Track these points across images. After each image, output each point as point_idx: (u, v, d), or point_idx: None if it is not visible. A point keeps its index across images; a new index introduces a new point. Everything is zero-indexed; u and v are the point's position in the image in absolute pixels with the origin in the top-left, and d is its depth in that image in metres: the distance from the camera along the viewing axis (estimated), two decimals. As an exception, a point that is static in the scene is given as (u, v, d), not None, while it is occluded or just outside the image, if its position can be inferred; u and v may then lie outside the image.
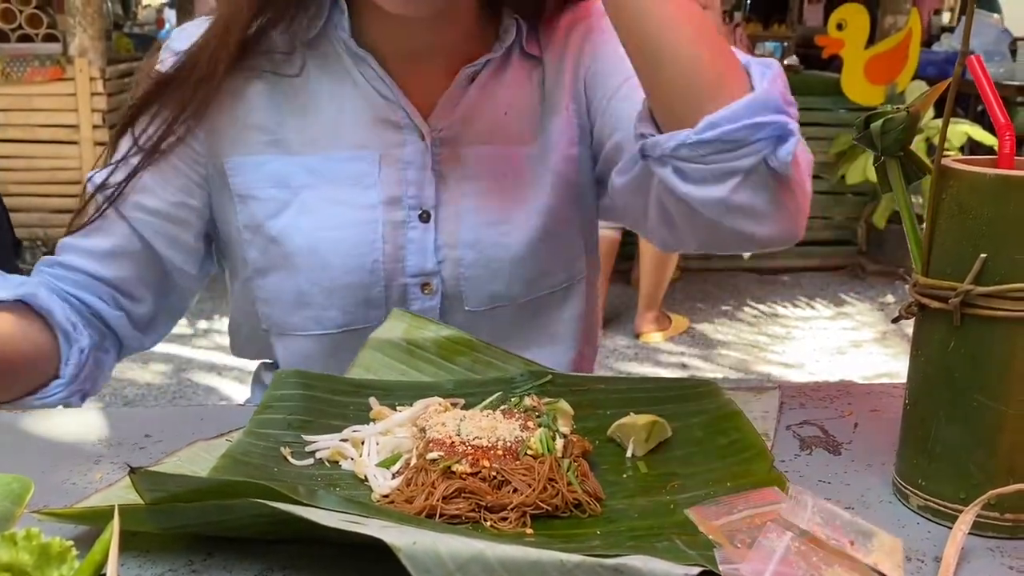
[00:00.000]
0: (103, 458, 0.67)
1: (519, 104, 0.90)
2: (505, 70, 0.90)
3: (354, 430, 0.69)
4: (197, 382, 3.15)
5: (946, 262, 0.59)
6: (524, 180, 0.89)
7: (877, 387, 0.86)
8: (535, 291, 0.91)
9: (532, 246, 0.89)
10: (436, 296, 0.89)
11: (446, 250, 0.88)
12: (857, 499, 0.65)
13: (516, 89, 0.90)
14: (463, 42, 0.88)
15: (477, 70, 0.88)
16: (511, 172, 0.89)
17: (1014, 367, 0.57)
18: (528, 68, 0.91)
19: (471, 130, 0.88)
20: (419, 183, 0.87)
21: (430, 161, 0.87)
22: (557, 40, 0.92)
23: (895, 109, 0.62)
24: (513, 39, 0.89)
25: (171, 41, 0.90)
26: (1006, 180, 0.56)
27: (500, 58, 0.89)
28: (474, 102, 0.89)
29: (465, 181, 0.88)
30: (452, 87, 0.87)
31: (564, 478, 0.60)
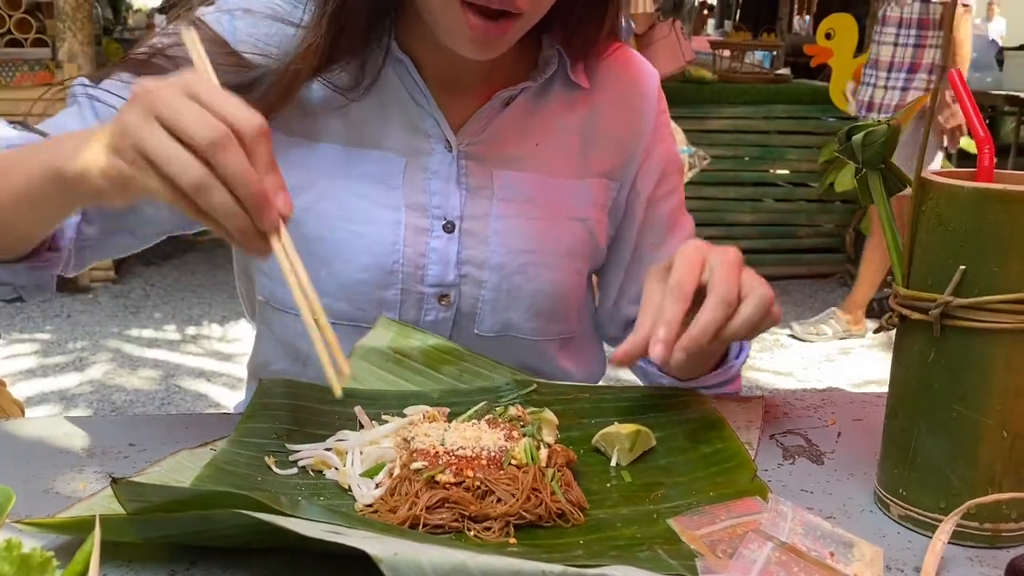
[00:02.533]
0: (86, 467, 0.67)
1: (554, 139, 0.90)
2: (543, 101, 0.90)
3: (339, 439, 0.69)
4: (186, 388, 3.14)
5: (926, 273, 0.60)
6: (555, 216, 0.89)
7: (860, 396, 0.87)
8: (543, 333, 0.90)
9: (554, 283, 0.89)
10: (452, 309, 0.88)
11: (470, 267, 0.87)
12: (839, 508, 0.65)
13: (553, 123, 0.90)
14: (502, 65, 0.88)
15: (513, 95, 0.88)
16: (542, 204, 0.89)
17: (993, 378, 0.58)
18: (571, 100, 0.91)
19: (500, 153, 0.88)
20: (444, 193, 0.87)
21: (455, 173, 0.87)
22: (615, 90, 0.93)
23: (876, 122, 0.62)
24: (555, 70, 0.89)
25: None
26: (984, 193, 0.57)
27: (539, 88, 0.90)
28: (506, 126, 0.89)
29: (494, 201, 0.88)
30: (485, 107, 0.87)
31: (548, 488, 0.61)
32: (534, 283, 0.88)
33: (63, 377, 3.19)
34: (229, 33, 0.85)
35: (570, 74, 0.90)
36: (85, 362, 3.33)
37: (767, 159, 4.45)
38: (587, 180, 0.91)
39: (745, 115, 4.35)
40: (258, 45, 0.84)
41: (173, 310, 3.95)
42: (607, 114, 0.92)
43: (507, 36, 0.79)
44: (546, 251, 0.88)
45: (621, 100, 0.93)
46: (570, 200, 0.90)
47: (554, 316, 0.90)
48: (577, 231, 0.90)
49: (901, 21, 3.50)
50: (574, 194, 0.91)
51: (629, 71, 0.95)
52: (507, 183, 0.88)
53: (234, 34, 0.85)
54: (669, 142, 0.97)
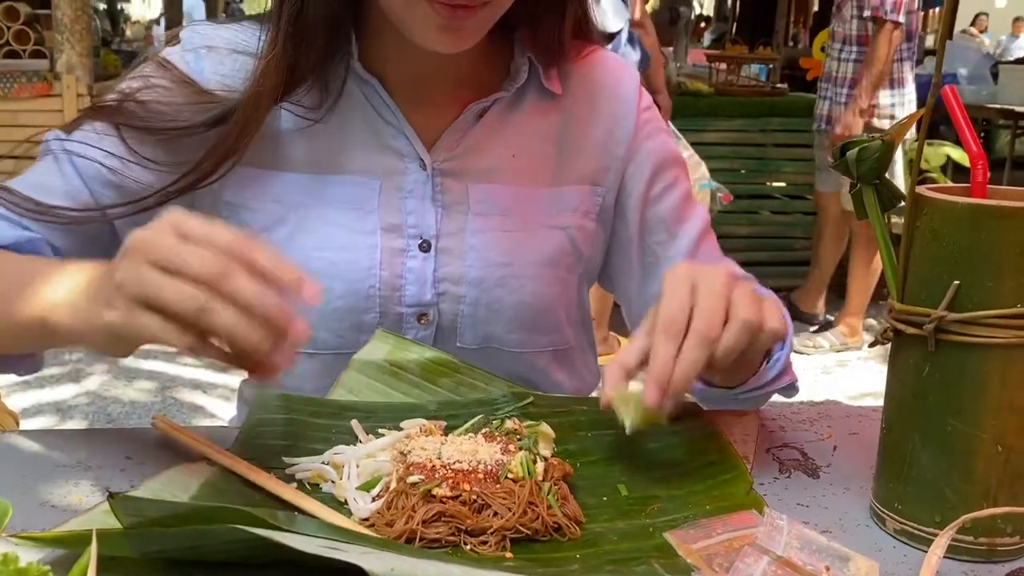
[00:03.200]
0: (82, 480, 0.67)
1: (529, 148, 0.90)
2: (516, 110, 0.90)
3: (335, 452, 0.69)
4: (182, 400, 3.13)
5: (921, 288, 0.60)
6: (532, 226, 0.89)
7: (856, 410, 0.87)
8: (529, 345, 0.90)
9: (536, 294, 0.88)
10: (431, 327, 0.88)
11: (447, 284, 0.87)
12: (835, 522, 0.65)
13: (528, 132, 0.90)
14: (472, 74, 0.88)
15: (486, 107, 0.88)
16: (519, 215, 0.88)
17: (987, 392, 0.58)
18: (544, 108, 0.91)
19: (476, 166, 0.88)
20: (419, 212, 0.86)
21: (431, 191, 0.87)
22: (586, 93, 0.92)
23: (870, 138, 0.63)
24: (525, 79, 0.89)
25: (186, 38, 0.88)
26: (978, 209, 0.57)
27: (511, 97, 0.89)
28: (480, 139, 0.88)
29: (470, 216, 0.87)
30: (458, 121, 0.87)
31: (544, 502, 0.61)
32: (515, 295, 0.88)
33: (59, 388, 3.18)
34: (196, 72, 0.86)
35: (543, 81, 0.90)
36: (81, 373, 3.33)
37: (764, 172, 4.47)
38: (566, 188, 0.90)
39: (741, 128, 4.36)
40: (224, 81, 0.84)
41: (170, 321, 3.94)
42: (582, 119, 0.91)
43: (475, 22, 0.78)
44: (524, 262, 0.88)
45: (596, 103, 0.92)
46: (548, 209, 0.90)
47: (539, 327, 0.90)
48: (557, 239, 0.90)
49: (844, 37, 3.58)
50: (552, 203, 0.90)
51: (603, 73, 0.94)
52: (482, 197, 0.87)
53: (201, 73, 0.86)
54: (660, 138, 0.95)
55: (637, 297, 0.97)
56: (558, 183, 0.90)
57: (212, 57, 0.86)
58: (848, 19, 3.52)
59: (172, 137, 0.83)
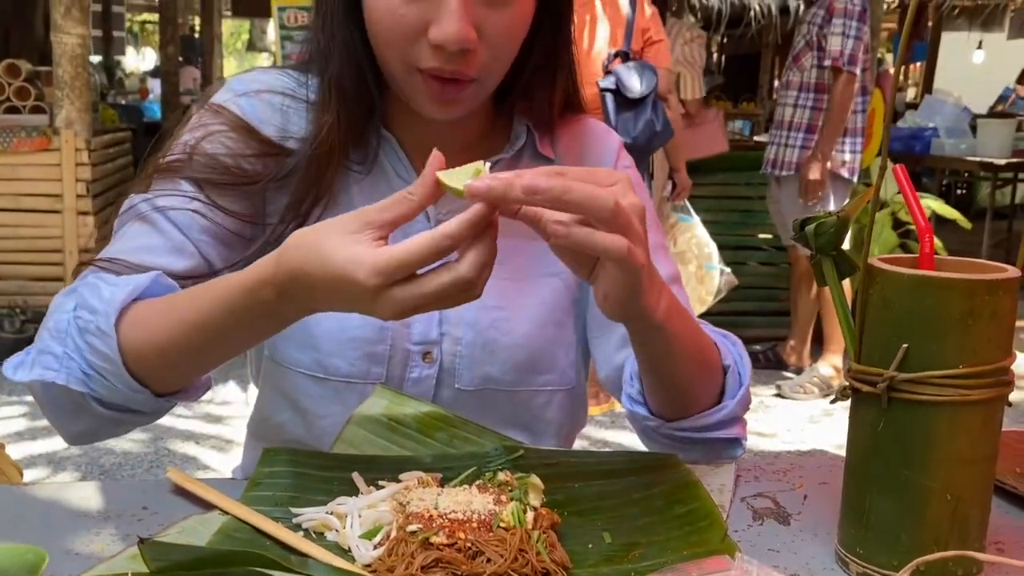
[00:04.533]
0: (103, 530, 0.72)
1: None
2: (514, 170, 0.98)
3: (338, 503, 0.74)
4: (175, 451, 3.15)
5: (875, 350, 0.66)
6: (527, 274, 0.96)
7: (828, 460, 0.93)
8: (526, 384, 0.96)
9: (529, 336, 0.95)
10: (435, 366, 0.94)
11: (447, 326, 0.94)
12: (803, 567, 0.70)
13: None
14: (478, 140, 0.97)
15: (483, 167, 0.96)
16: (515, 264, 0.95)
17: (935, 446, 0.64)
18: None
19: None
20: None
21: None
22: (574, 154, 1.00)
23: (826, 214, 0.69)
24: (524, 142, 0.97)
25: (234, 84, 0.95)
26: (923, 280, 0.64)
27: (511, 159, 0.97)
28: None
29: None
30: None
31: (534, 549, 0.66)
32: (508, 337, 0.94)
33: (52, 440, 3.20)
34: (251, 116, 0.92)
35: (538, 146, 0.98)
36: (75, 425, 3.34)
37: (749, 224, 4.57)
38: None
39: (726, 181, 4.49)
40: (281, 126, 0.92)
41: (163, 372, 3.96)
42: None
43: (465, 95, 0.87)
44: (517, 307, 0.95)
45: (582, 164, 1.00)
46: (541, 260, 0.96)
47: (535, 368, 0.96)
48: (552, 285, 0.97)
49: (801, 85, 3.75)
50: (545, 253, 0.95)
51: (591, 139, 1.03)
52: None
53: (255, 117, 0.92)
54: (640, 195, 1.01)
55: (605, 359, 1.01)
56: None
57: (262, 101, 0.93)
58: (808, 68, 3.69)
59: (247, 191, 0.89)
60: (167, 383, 0.80)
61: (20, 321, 4.00)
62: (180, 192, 0.88)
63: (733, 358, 0.90)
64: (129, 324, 0.77)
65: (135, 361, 0.77)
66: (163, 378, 0.79)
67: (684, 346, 0.81)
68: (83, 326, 0.77)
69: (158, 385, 0.79)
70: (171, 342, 0.76)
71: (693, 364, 0.85)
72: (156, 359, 0.77)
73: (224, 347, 0.78)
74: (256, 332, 0.78)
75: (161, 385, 0.80)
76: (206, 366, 0.81)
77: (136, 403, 0.80)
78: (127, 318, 0.77)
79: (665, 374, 0.85)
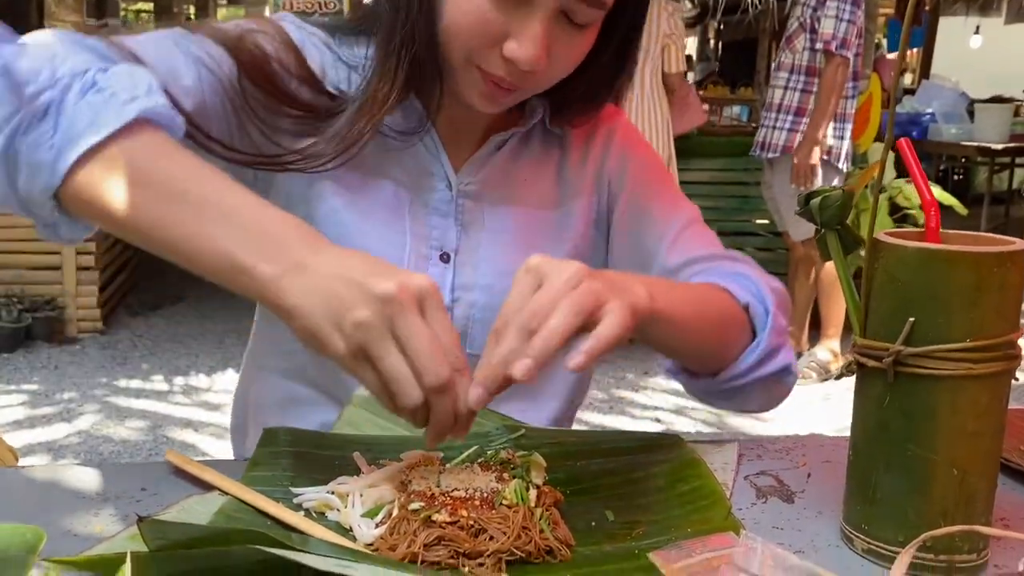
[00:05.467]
0: (102, 511, 0.71)
1: (537, 176, 0.98)
2: (528, 144, 0.99)
3: (339, 483, 0.73)
4: (173, 438, 3.15)
5: (880, 325, 0.66)
6: (540, 242, 0.97)
7: (831, 440, 0.92)
8: None
9: None
10: None
11: (460, 291, 0.94)
12: (808, 543, 0.70)
13: (536, 163, 0.99)
14: (498, 115, 0.96)
15: (505, 139, 0.96)
16: (528, 232, 0.96)
17: (941, 419, 0.63)
18: (548, 145, 1.00)
19: (493, 191, 0.96)
20: (442, 228, 0.94)
21: (454, 210, 0.94)
22: (582, 130, 1.01)
23: (832, 188, 0.69)
24: (539, 117, 0.97)
25: (284, 15, 0.93)
26: (929, 253, 0.63)
27: (525, 133, 0.98)
28: (499, 167, 0.97)
29: (485, 233, 0.95)
30: (482, 150, 0.95)
31: (537, 526, 0.65)
32: None
33: (51, 428, 3.20)
34: (299, 43, 0.90)
35: (547, 124, 0.98)
36: (73, 413, 3.34)
37: (746, 209, 4.56)
38: (567, 208, 0.99)
39: (724, 167, 4.47)
40: (326, 72, 0.90)
41: (160, 361, 3.96)
42: (578, 149, 1.00)
43: (514, 97, 0.87)
44: None
45: (587, 135, 1.01)
46: (553, 228, 0.98)
47: None
48: (566, 251, 0.98)
49: (793, 67, 3.72)
50: (557, 223, 0.99)
51: (602, 125, 1.02)
52: (497, 217, 0.96)
53: (305, 52, 0.90)
54: (642, 148, 1.02)
55: None
56: (561, 205, 0.99)
57: (309, 38, 0.92)
58: (800, 50, 3.68)
59: (284, 109, 0.86)
60: (86, 210, 0.69)
61: (18, 310, 3.98)
62: (215, 56, 0.83)
63: (749, 291, 0.88)
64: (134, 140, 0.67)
65: (91, 171, 0.67)
66: (92, 203, 0.68)
67: (686, 319, 0.80)
68: (103, 85, 0.68)
69: (74, 205, 0.69)
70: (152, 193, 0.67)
71: (706, 325, 0.83)
72: (117, 192, 0.67)
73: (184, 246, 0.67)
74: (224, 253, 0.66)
75: (77, 207, 0.69)
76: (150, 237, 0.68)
77: (32, 200, 0.69)
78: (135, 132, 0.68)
79: (681, 348, 0.84)
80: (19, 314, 3.97)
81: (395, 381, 0.62)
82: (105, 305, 4.37)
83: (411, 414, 0.64)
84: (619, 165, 1.00)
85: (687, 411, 3.59)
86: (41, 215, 0.70)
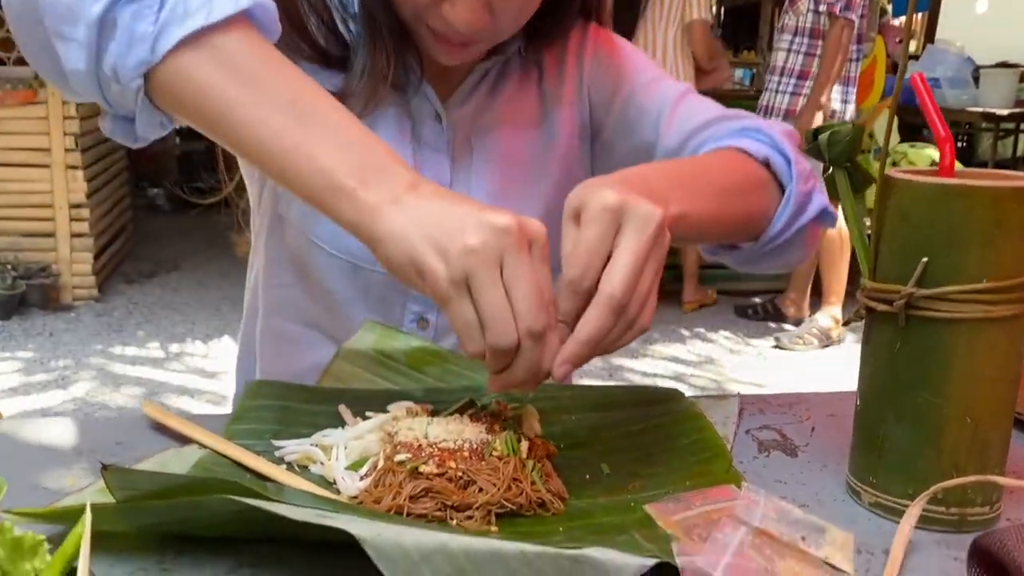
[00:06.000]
0: (74, 464, 0.68)
1: (520, 97, 0.96)
2: (508, 70, 0.97)
3: (323, 435, 0.70)
4: (169, 405, 3.13)
5: (891, 267, 0.62)
6: (528, 165, 0.95)
7: (835, 394, 0.89)
8: None
9: (537, 217, 0.91)
10: None
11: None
12: (812, 497, 0.67)
13: (517, 85, 0.97)
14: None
15: (488, 68, 0.94)
16: (515, 156, 0.95)
17: (955, 366, 0.60)
18: (527, 67, 0.98)
19: (480, 119, 0.94)
20: (436, 162, 0.92)
21: (446, 144, 0.92)
22: (556, 47, 0.98)
23: (842, 122, 0.65)
24: (518, 44, 0.95)
25: None
26: (945, 189, 0.59)
27: (505, 60, 0.96)
28: (483, 96, 0.94)
29: (475, 164, 0.93)
30: (467, 82, 0.93)
31: (528, 478, 0.62)
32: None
33: (46, 395, 3.18)
34: None
35: (523, 53, 0.96)
36: (68, 380, 3.32)
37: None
38: (550, 123, 0.97)
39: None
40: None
41: (156, 328, 3.94)
42: (552, 64, 0.98)
43: (473, 50, 0.85)
44: (522, 197, 0.93)
45: (559, 50, 0.99)
46: (540, 145, 0.96)
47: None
48: (552, 172, 0.96)
49: (796, 29, 3.66)
50: (542, 139, 0.97)
51: (573, 38, 0.99)
52: (485, 144, 0.94)
53: None
54: (616, 47, 0.99)
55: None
56: (545, 122, 0.97)
57: None
58: (804, 12, 3.62)
59: (302, 48, 0.84)
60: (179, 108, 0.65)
61: (12, 277, 3.95)
62: None
63: (764, 144, 0.85)
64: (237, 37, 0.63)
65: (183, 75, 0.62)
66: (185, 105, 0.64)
67: (712, 211, 0.76)
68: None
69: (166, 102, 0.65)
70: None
71: (732, 203, 0.80)
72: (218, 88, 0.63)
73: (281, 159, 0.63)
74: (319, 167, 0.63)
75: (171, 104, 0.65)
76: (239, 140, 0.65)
77: (120, 77, 0.63)
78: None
79: (713, 233, 0.81)
80: (13, 281, 3.94)
81: (494, 317, 0.57)
82: (100, 272, 4.34)
83: (497, 356, 0.59)
84: (595, 70, 0.98)
85: (686, 377, 3.57)
86: (120, 100, 0.66)
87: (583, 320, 0.61)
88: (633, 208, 0.61)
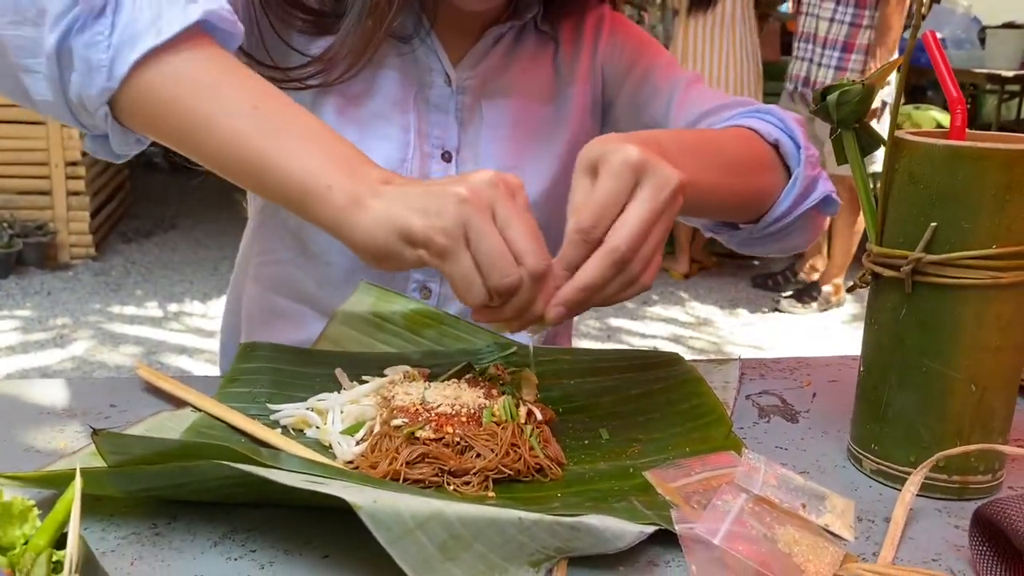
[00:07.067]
0: (67, 427, 0.67)
1: (533, 70, 0.95)
2: (523, 40, 0.96)
3: (319, 399, 0.69)
4: (168, 364, 3.13)
5: (899, 231, 0.61)
6: (539, 135, 0.94)
7: (836, 360, 0.88)
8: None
9: (543, 194, 0.92)
10: None
11: (466, 167, 0.91)
12: (812, 464, 0.66)
13: (531, 57, 0.96)
14: (493, 14, 0.93)
15: (503, 32, 0.92)
16: (526, 125, 0.93)
17: (962, 332, 0.59)
18: (542, 42, 0.97)
19: (491, 85, 0.93)
20: (443, 125, 0.91)
21: (454, 107, 0.91)
22: (571, 24, 0.98)
23: (851, 82, 0.63)
24: (535, 12, 0.94)
25: None
26: (956, 151, 0.58)
27: (520, 28, 0.95)
28: (496, 61, 0.93)
29: (484, 128, 0.92)
30: (479, 45, 0.91)
31: (526, 443, 0.61)
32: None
33: (44, 354, 3.18)
34: None
35: (538, 24, 0.95)
36: (66, 339, 3.32)
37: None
38: (563, 99, 0.96)
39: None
40: None
41: (154, 287, 3.93)
42: (568, 40, 0.98)
43: None
44: (531, 165, 0.93)
45: (576, 25, 0.98)
46: (551, 121, 0.95)
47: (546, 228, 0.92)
48: (562, 139, 0.95)
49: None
50: (554, 115, 0.96)
51: (590, 15, 0.99)
52: (495, 112, 0.93)
53: None
54: (630, 29, 0.99)
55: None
56: (558, 98, 0.96)
57: None
58: None
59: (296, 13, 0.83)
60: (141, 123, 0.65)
61: (8, 235, 3.93)
62: None
63: (775, 127, 0.85)
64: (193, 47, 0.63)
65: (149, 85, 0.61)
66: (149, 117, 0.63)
67: (717, 185, 0.75)
68: None
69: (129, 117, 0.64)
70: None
71: (739, 180, 0.80)
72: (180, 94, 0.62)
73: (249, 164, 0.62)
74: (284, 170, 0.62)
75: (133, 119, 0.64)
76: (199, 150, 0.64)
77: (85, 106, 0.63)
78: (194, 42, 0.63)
79: (717, 206, 0.81)
80: (10, 239, 3.92)
81: (495, 260, 0.57)
82: (98, 231, 4.31)
83: (503, 296, 0.59)
84: (611, 49, 0.98)
85: (685, 339, 3.57)
86: (92, 124, 0.65)
87: (584, 267, 0.61)
88: (654, 167, 0.61)
